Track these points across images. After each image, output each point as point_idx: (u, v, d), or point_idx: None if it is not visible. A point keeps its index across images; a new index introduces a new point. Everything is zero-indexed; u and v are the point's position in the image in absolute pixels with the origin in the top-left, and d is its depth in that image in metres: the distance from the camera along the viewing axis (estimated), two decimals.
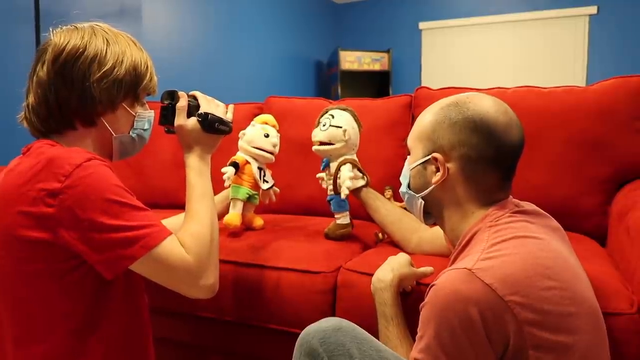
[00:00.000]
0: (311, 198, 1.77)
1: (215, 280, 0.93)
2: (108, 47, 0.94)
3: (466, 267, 0.74)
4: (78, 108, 0.92)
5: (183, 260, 0.88)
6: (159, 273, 0.88)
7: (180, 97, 1.06)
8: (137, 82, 0.98)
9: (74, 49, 0.91)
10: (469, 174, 0.88)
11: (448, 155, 0.89)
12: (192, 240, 0.91)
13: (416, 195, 0.96)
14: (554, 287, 0.73)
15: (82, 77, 0.91)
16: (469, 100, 0.90)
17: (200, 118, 1.05)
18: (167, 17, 3.40)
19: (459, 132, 0.87)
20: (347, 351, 0.78)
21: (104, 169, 0.86)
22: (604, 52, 4.62)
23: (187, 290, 0.91)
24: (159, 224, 0.88)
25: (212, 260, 0.93)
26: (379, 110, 1.78)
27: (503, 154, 0.87)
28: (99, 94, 0.92)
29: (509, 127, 0.87)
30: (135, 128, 1.01)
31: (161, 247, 0.85)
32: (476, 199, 0.89)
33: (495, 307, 0.70)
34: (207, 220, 0.96)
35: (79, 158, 0.84)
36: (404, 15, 5.46)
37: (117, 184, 0.86)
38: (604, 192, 1.45)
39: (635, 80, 1.46)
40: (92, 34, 0.94)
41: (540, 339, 0.70)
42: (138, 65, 0.98)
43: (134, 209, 0.86)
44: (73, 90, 0.91)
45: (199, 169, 1.03)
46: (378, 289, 1.02)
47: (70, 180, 0.81)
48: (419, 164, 0.93)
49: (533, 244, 0.78)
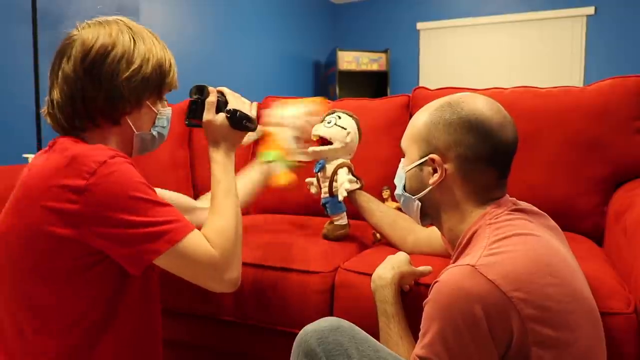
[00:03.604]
0: (310, 198, 1.76)
1: (238, 274, 0.94)
2: (135, 45, 0.94)
3: (469, 263, 0.74)
4: (105, 107, 0.92)
5: (208, 254, 0.89)
6: (184, 267, 0.89)
7: (210, 92, 1.06)
8: (162, 79, 0.98)
9: (103, 47, 0.91)
10: (466, 173, 0.88)
11: (444, 156, 0.89)
12: (217, 235, 0.92)
13: (412, 197, 0.96)
14: (555, 284, 0.74)
15: (111, 76, 0.91)
16: (462, 100, 0.90)
17: (229, 114, 1.04)
18: (164, 17, 3.40)
19: (455, 132, 0.88)
20: (345, 351, 0.78)
21: (127, 166, 0.86)
22: (602, 53, 4.63)
23: (212, 284, 0.92)
24: (183, 219, 0.89)
25: (236, 255, 0.94)
26: (376, 111, 1.79)
27: (499, 152, 0.87)
28: (127, 93, 0.93)
29: (504, 125, 0.87)
30: (156, 125, 1.01)
31: (186, 241, 0.86)
32: (474, 198, 0.89)
33: (499, 304, 0.70)
34: (232, 216, 0.97)
35: (103, 155, 0.84)
36: (401, 16, 5.46)
37: (140, 180, 0.86)
38: (601, 192, 1.45)
39: (633, 81, 1.46)
40: (119, 31, 0.93)
41: (542, 336, 0.71)
42: (163, 62, 0.98)
43: (158, 204, 0.87)
44: (101, 89, 0.91)
45: (224, 165, 1.03)
46: (379, 286, 1.02)
47: (94, 178, 0.82)
48: (415, 166, 0.93)
49: (533, 241, 0.79)
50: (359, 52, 5.11)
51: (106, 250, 0.85)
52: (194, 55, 3.54)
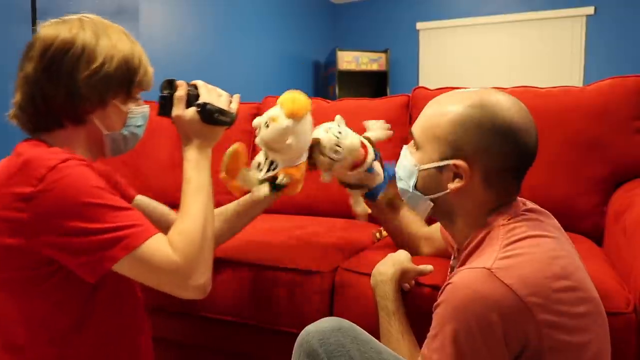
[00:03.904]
0: (309, 197, 1.77)
1: (206, 281, 0.87)
2: (98, 41, 0.89)
3: (485, 266, 0.72)
4: (65, 106, 0.88)
5: (169, 260, 0.82)
6: (144, 274, 0.83)
7: (179, 86, 1.01)
8: (129, 77, 0.93)
9: (62, 43, 0.87)
10: (491, 183, 0.82)
11: (470, 162, 0.81)
12: (181, 239, 0.85)
13: (424, 196, 0.89)
14: (569, 288, 0.73)
15: (70, 73, 0.87)
16: (496, 102, 0.82)
17: (198, 108, 0.99)
18: (164, 17, 3.40)
19: (487, 139, 0.80)
20: (347, 352, 0.78)
21: (81, 169, 0.81)
22: (601, 53, 4.63)
23: (176, 291, 0.86)
24: (143, 223, 0.84)
25: (202, 260, 0.87)
26: (376, 110, 1.78)
27: (525, 161, 0.83)
28: (87, 91, 0.88)
29: (530, 131, 0.82)
30: (128, 125, 0.96)
31: (145, 247, 0.81)
32: (492, 204, 0.84)
33: (515, 309, 0.69)
34: (200, 217, 0.90)
35: (54, 159, 0.80)
36: (401, 16, 5.46)
37: (95, 184, 0.81)
38: (600, 192, 1.45)
39: (632, 81, 1.46)
40: (81, 26, 0.89)
41: (557, 341, 0.70)
42: (130, 59, 0.93)
43: (115, 209, 0.81)
44: (60, 87, 0.87)
45: (196, 162, 0.97)
46: (379, 281, 1.00)
47: (43, 184, 0.78)
48: (434, 167, 0.85)
49: (547, 243, 0.77)
50: (358, 52, 5.10)
51: (58, 260, 0.80)
52: (193, 55, 3.54)
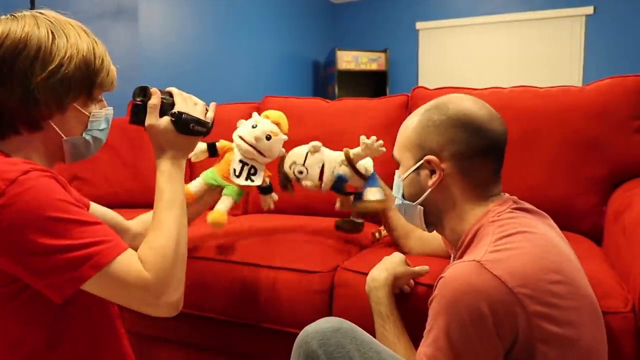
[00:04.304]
0: (308, 197, 1.76)
1: (179, 298, 0.83)
2: (54, 40, 0.82)
3: (475, 259, 0.74)
4: (20, 111, 0.81)
5: (139, 277, 0.78)
6: (113, 293, 0.79)
7: (153, 94, 0.94)
8: (90, 79, 0.86)
9: (13, 43, 0.79)
10: (464, 170, 0.89)
11: (440, 156, 0.89)
12: (153, 255, 0.81)
13: (413, 203, 0.95)
14: (560, 282, 0.74)
15: (24, 76, 0.80)
16: (448, 100, 0.92)
17: (173, 118, 0.94)
18: (163, 16, 3.39)
19: (446, 132, 0.88)
20: (347, 353, 0.78)
21: (45, 181, 0.76)
22: (600, 52, 4.64)
23: (147, 309, 0.81)
24: (112, 239, 0.79)
25: (175, 276, 0.83)
26: (375, 110, 1.79)
27: (492, 143, 0.88)
28: (45, 95, 0.81)
29: (492, 119, 0.89)
30: (90, 129, 0.90)
31: (114, 265, 0.76)
32: (473, 195, 0.89)
33: (505, 300, 0.71)
34: (173, 232, 0.86)
35: (14, 172, 0.74)
36: (401, 15, 5.46)
37: (60, 197, 0.76)
38: (600, 192, 1.45)
39: (631, 80, 1.46)
40: (35, 24, 0.81)
41: (548, 333, 0.71)
42: (90, 59, 0.86)
43: (82, 224, 0.76)
44: (13, 91, 0.80)
45: (169, 174, 0.92)
46: (372, 288, 1.02)
47: (4, 199, 0.72)
48: (412, 172, 0.93)
49: (538, 239, 0.79)
50: (358, 52, 5.10)
51: (24, 279, 0.75)
52: (193, 55, 3.54)
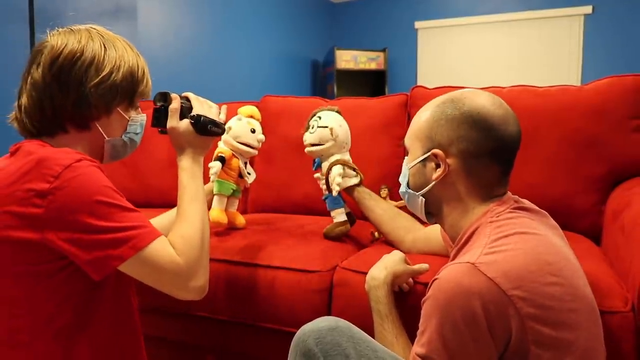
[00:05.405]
0: (307, 197, 1.77)
1: (205, 282, 0.93)
2: (105, 51, 0.94)
3: (469, 261, 0.74)
4: (73, 113, 0.92)
5: (172, 262, 0.87)
6: (148, 274, 0.87)
7: (173, 99, 1.06)
8: (133, 87, 0.98)
9: (71, 53, 0.91)
10: (469, 168, 0.88)
11: (447, 151, 0.89)
12: (183, 242, 0.91)
13: (416, 193, 0.95)
14: (556, 283, 0.74)
15: (79, 82, 0.91)
16: (464, 96, 0.90)
17: (192, 120, 1.05)
18: (162, 16, 3.39)
19: (457, 128, 0.88)
20: (343, 351, 0.78)
21: (93, 169, 0.85)
22: (599, 52, 4.64)
23: (177, 291, 0.90)
24: (148, 225, 0.88)
25: (202, 262, 0.93)
26: (374, 110, 1.79)
27: (502, 146, 0.87)
28: (95, 99, 0.92)
29: (507, 120, 0.87)
30: (128, 132, 1.01)
31: (150, 248, 0.85)
32: (476, 194, 0.89)
33: (498, 301, 0.70)
34: (198, 222, 0.96)
35: (68, 159, 0.83)
36: (400, 15, 5.46)
37: (106, 184, 0.85)
38: (598, 191, 1.45)
39: (630, 80, 1.46)
40: (90, 37, 0.94)
41: (541, 335, 0.71)
42: (135, 70, 0.98)
43: (124, 210, 0.85)
44: (69, 95, 0.91)
45: (191, 171, 1.03)
46: (372, 286, 1.02)
47: (59, 182, 0.81)
48: (418, 162, 0.93)
49: (535, 239, 0.78)
50: (357, 51, 5.11)
51: (69, 255, 0.83)
52: (191, 54, 3.54)
